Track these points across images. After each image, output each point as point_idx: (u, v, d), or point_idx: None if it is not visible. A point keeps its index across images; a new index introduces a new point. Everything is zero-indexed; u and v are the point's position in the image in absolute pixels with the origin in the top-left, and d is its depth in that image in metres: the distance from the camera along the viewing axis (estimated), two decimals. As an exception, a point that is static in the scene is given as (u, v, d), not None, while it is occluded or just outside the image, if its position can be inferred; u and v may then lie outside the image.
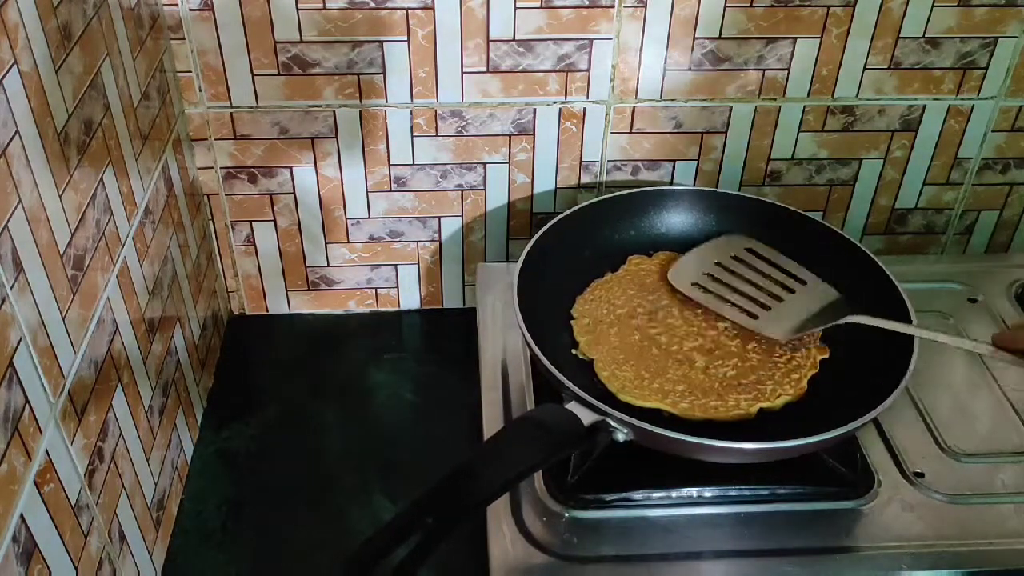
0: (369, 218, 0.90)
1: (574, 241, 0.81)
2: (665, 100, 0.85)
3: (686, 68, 0.83)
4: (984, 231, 0.96)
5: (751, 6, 0.80)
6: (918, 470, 0.70)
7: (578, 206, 0.82)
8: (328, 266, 0.93)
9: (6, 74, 0.49)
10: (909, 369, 0.66)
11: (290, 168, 0.86)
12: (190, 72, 0.80)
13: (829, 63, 0.83)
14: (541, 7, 0.78)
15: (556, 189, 0.90)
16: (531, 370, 0.77)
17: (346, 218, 0.90)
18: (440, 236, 0.92)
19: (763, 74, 0.84)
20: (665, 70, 0.83)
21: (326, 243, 0.91)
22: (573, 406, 0.63)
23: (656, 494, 0.68)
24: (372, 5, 0.77)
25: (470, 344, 0.84)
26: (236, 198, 0.87)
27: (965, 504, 0.68)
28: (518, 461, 0.58)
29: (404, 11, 0.78)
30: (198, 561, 0.73)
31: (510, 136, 0.86)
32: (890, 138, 0.89)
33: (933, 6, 0.81)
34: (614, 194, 0.84)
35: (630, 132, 0.86)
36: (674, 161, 0.89)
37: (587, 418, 0.62)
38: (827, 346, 0.74)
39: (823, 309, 0.73)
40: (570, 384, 0.64)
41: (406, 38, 0.79)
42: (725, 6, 0.79)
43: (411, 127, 0.84)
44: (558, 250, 0.78)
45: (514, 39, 0.80)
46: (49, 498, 0.53)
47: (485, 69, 0.81)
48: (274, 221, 0.89)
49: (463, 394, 0.82)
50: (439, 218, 0.90)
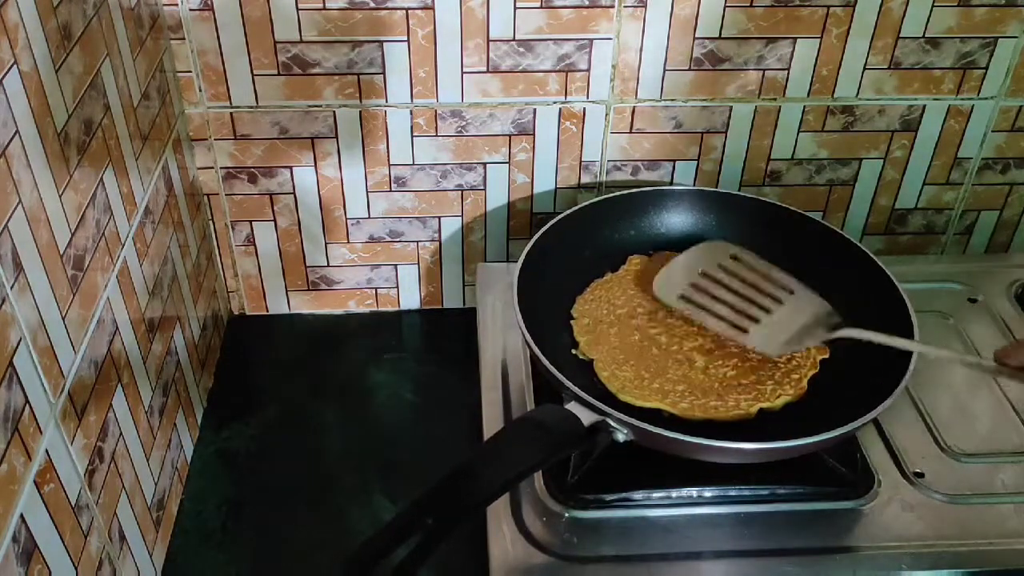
0: (369, 218, 0.90)
1: (574, 241, 0.80)
2: (665, 100, 0.85)
3: (686, 68, 0.83)
4: (984, 231, 0.96)
5: (751, 6, 0.80)
6: (918, 470, 0.70)
7: (578, 206, 0.82)
8: (328, 266, 0.93)
9: (6, 74, 0.49)
10: (909, 369, 0.66)
11: (290, 168, 0.86)
12: (190, 72, 0.80)
13: (829, 63, 0.83)
14: (541, 7, 0.78)
15: (556, 189, 0.90)
16: (531, 370, 0.77)
17: (346, 218, 0.90)
18: (440, 236, 0.92)
19: (763, 74, 0.84)
20: (665, 70, 0.83)
21: (326, 243, 0.91)
22: (573, 406, 0.63)
23: (656, 494, 0.68)
24: (372, 5, 0.77)
25: (470, 344, 0.84)
26: (236, 198, 0.87)
27: (965, 504, 0.68)
28: (518, 461, 0.58)
29: (404, 11, 0.78)
30: (198, 561, 0.73)
31: (510, 136, 0.85)
32: (890, 138, 0.89)
33: (933, 6, 0.81)
34: (614, 194, 0.84)
35: (630, 132, 0.86)
36: (674, 161, 0.89)
37: (587, 418, 0.62)
38: (827, 346, 0.74)
39: (815, 321, 0.71)
40: (570, 384, 0.64)
41: (406, 38, 0.79)
42: (725, 6, 0.79)
43: (411, 127, 0.84)
44: (558, 250, 0.78)
45: (514, 39, 0.80)
46: (49, 498, 0.53)
47: (485, 69, 0.81)
48: (274, 221, 0.89)
49: (463, 394, 0.82)
50: (439, 218, 0.90)
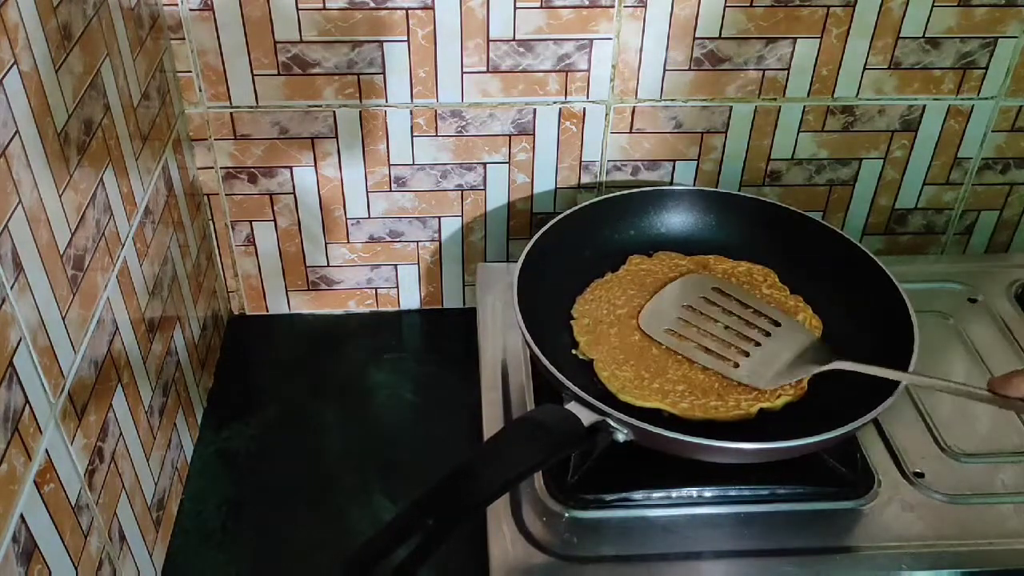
0: (369, 218, 0.90)
1: (574, 241, 0.80)
2: (665, 100, 0.85)
3: (686, 68, 0.83)
4: (984, 231, 0.96)
5: (751, 6, 0.80)
6: (918, 470, 0.70)
7: (578, 206, 0.82)
8: (328, 266, 0.93)
9: (6, 74, 0.49)
10: (909, 369, 0.66)
11: (290, 168, 0.86)
12: (190, 72, 0.80)
13: (829, 63, 0.83)
14: (541, 7, 0.78)
15: (556, 189, 0.90)
16: (531, 370, 0.77)
17: (346, 218, 0.90)
18: (440, 236, 0.92)
19: (763, 74, 0.84)
20: (665, 70, 0.83)
21: (326, 243, 0.91)
22: (573, 406, 0.63)
23: (656, 494, 0.68)
24: (372, 5, 0.77)
25: (470, 344, 0.84)
26: (236, 198, 0.87)
27: (965, 504, 0.68)
28: (518, 461, 0.58)
29: (404, 11, 0.78)
30: (198, 561, 0.73)
31: (510, 136, 0.85)
32: (890, 138, 0.89)
33: (933, 6, 0.81)
34: (614, 194, 0.84)
35: (630, 132, 0.86)
36: (674, 161, 0.88)
37: (587, 418, 0.62)
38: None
39: (804, 354, 0.71)
40: (570, 384, 0.64)
41: (406, 38, 0.79)
42: (725, 6, 0.79)
43: (411, 127, 0.84)
44: (558, 250, 0.78)
45: (514, 39, 0.80)
46: (49, 498, 0.53)
47: (485, 69, 0.81)
48: (274, 221, 0.89)
49: (463, 394, 0.82)
50: (439, 218, 0.90)
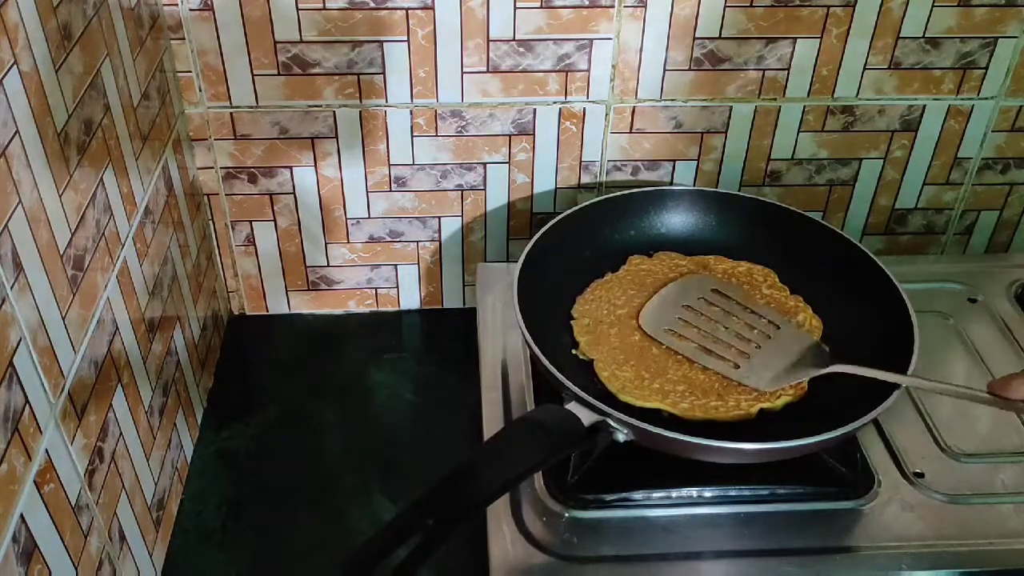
0: (369, 218, 0.90)
1: (574, 241, 0.80)
2: (665, 100, 0.85)
3: (686, 68, 0.83)
4: (984, 231, 0.96)
5: (751, 6, 0.80)
6: (918, 470, 0.70)
7: (578, 206, 0.82)
8: (328, 266, 0.93)
9: (6, 74, 0.49)
10: (909, 369, 0.66)
11: (290, 168, 0.86)
12: (190, 72, 0.80)
13: (829, 63, 0.83)
14: (541, 7, 0.78)
15: (556, 189, 0.90)
16: (531, 370, 0.77)
17: (346, 218, 0.90)
18: (440, 236, 0.92)
19: (763, 74, 0.84)
20: (665, 70, 0.83)
21: (326, 243, 0.91)
22: (573, 406, 0.63)
23: (656, 494, 0.68)
24: (372, 5, 0.77)
25: (470, 344, 0.84)
26: (236, 198, 0.87)
27: (965, 504, 0.68)
28: (518, 461, 0.58)
29: (404, 11, 0.78)
30: (198, 561, 0.73)
31: (510, 136, 0.85)
32: (890, 138, 0.89)
33: (933, 6, 0.81)
34: (614, 194, 0.84)
35: (630, 132, 0.86)
36: (674, 161, 0.88)
37: (587, 418, 0.62)
38: (828, 346, 0.74)
39: (803, 356, 0.71)
40: (570, 384, 0.64)
41: (406, 38, 0.79)
42: (725, 6, 0.79)
43: (411, 127, 0.84)
44: (558, 250, 0.78)
45: (514, 39, 0.80)
46: (49, 498, 0.53)
47: (485, 69, 0.81)
48: (274, 221, 0.89)
49: (463, 394, 0.82)
50: (439, 218, 0.90)
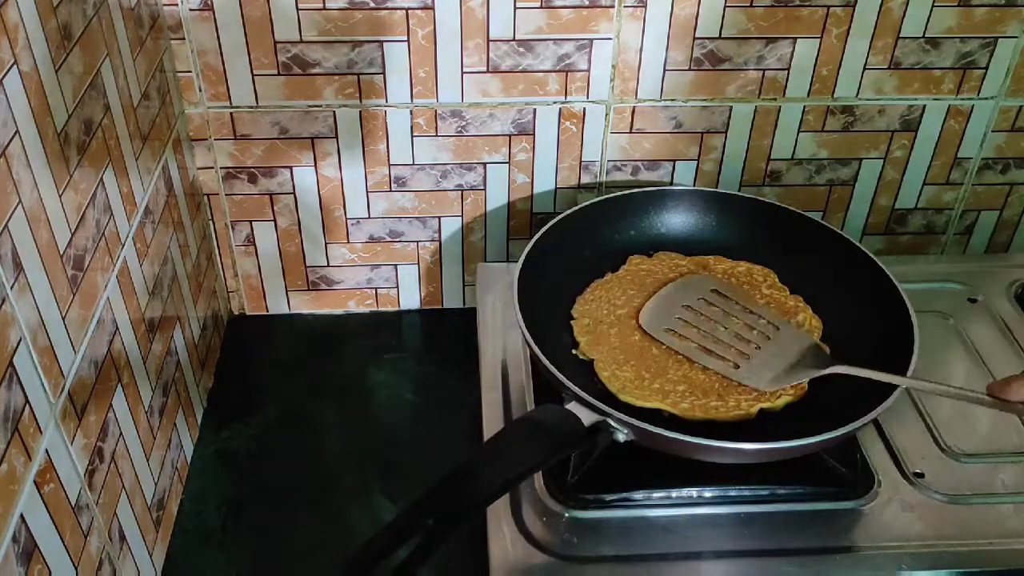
0: (369, 218, 0.90)
1: (574, 241, 0.80)
2: (665, 100, 0.85)
3: (686, 68, 0.83)
4: (984, 231, 0.96)
5: (751, 6, 0.80)
6: (918, 470, 0.70)
7: (578, 206, 0.82)
8: (328, 266, 0.93)
9: (6, 74, 0.49)
10: (909, 369, 0.66)
11: (290, 168, 0.86)
12: (190, 72, 0.80)
13: (829, 63, 0.83)
14: (541, 7, 0.78)
15: (556, 189, 0.90)
16: (531, 370, 0.77)
17: (346, 218, 0.89)
18: (440, 236, 0.92)
19: (763, 74, 0.84)
20: (665, 70, 0.83)
21: (326, 243, 0.91)
22: (573, 406, 0.63)
23: (656, 494, 0.68)
24: (372, 5, 0.77)
25: (470, 344, 0.84)
26: (236, 198, 0.87)
27: (965, 504, 0.68)
28: (518, 461, 0.58)
29: (404, 11, 0.78)
30: (198, 561, 0.73)
31: (510, 136, 0.85)
32: (890, 138, 0.89)
33: (933, 6, 0.81)
34: (614, 194, 0.84)
35: (630, 132, 0.86)
36: (674, 161, 0.88)
37: (587, 418, 0.62)
38: (828, 346, 0.74)
39: (803, 357, 0.71)
40: (570, 384, 0.64)
41: (406, 38, 0.79)
42: (725, 6, 0.79)
43: (411, 127, 0.84)
44: (558, 250, 0.78)
45: (514, 39, 0.80)
46: (49, 498, 0.53)
47: (485, 69, 0.81)
48: (274, 221, 0.89)
49: (463, 394, 0.82)
50: (439, 218, 0.90)
